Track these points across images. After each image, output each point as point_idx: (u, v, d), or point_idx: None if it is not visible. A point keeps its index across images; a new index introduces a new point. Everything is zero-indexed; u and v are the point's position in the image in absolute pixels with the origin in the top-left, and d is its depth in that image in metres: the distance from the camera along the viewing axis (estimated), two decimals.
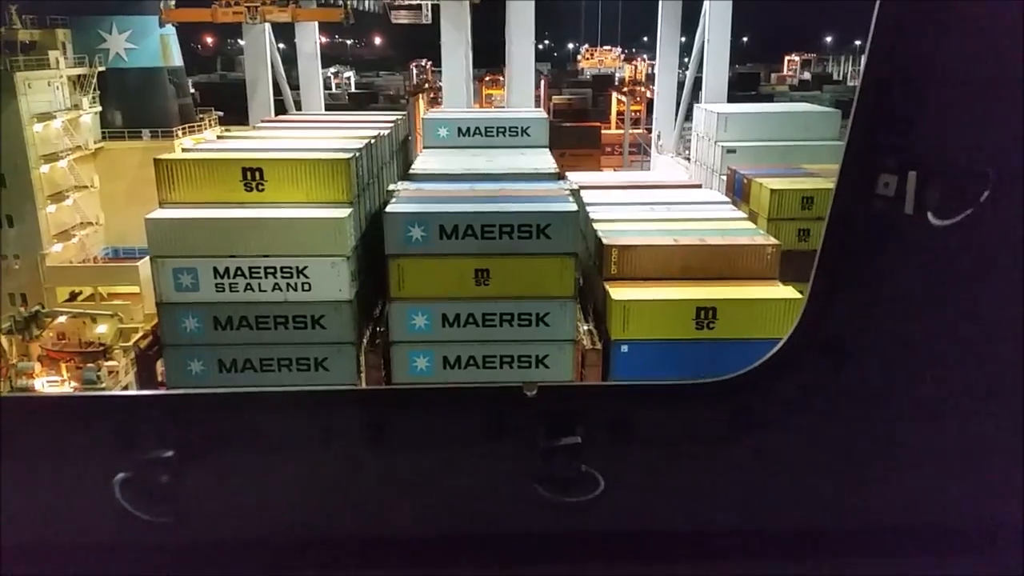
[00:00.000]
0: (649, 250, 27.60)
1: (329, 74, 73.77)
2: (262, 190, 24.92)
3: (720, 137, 46.67)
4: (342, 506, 3.97)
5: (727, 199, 36.86)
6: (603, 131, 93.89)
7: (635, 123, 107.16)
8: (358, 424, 3.86)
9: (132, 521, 3.65)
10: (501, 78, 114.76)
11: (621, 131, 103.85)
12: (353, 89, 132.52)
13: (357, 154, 26.90)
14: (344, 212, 24.51)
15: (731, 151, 45.14)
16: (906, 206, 3.46)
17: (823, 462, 3.98)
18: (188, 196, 24.78)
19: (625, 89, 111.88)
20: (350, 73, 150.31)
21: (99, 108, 57.29)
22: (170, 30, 62.46)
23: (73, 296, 52.04)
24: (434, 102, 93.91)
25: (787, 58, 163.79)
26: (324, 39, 79.18)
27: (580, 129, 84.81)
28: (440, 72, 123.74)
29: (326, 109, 72.73)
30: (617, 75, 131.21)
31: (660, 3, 72.32)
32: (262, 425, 3.82)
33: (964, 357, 3.79)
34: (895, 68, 3.47)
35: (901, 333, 3.79)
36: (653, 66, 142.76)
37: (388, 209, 24.87)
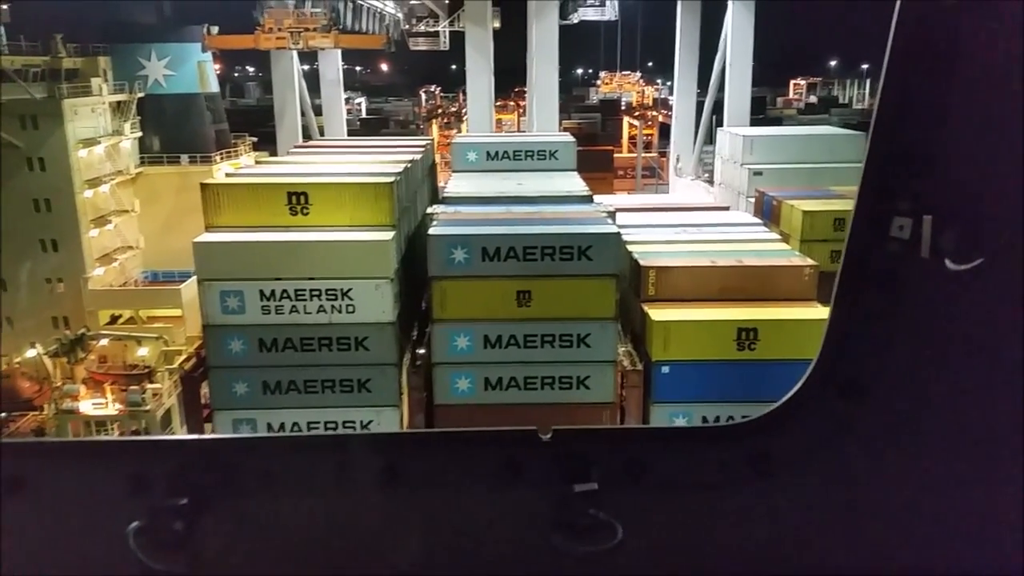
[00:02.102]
0: (686, 271, 27.00)
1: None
2: (307, 214, 24.58)
3: (746, 160, 46.08)
4: (356, 551, 3.79)
5: (759, 220, 36.17)
6: (615, 154, 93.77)
7: (647, 147, 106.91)
8: (372, 468, 3.68)
9: (145, 571, 3.49)
10: (511, 103, 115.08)
11: (632, 155, 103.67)
12: (364, 115, 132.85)
13: (398, 178, 26.57)
14: (388, 235, 24.12)
15: (758, 173, 44.54)
16: (922, 250, 3.34)
17: (843, 504, 3.81)
18: (234, 220, 24.47)
19: (637, 113, 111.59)
20: (361, 99, 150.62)
21: (139, 133, 57.47)
22: (207, 57, 62.78)
23: (113, 319, 51.93)
24: (447, 127, 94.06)
25: (792, 82, 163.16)
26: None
27: (593, 153, 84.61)
28: (448, 97, 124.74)
29: None
30: (624, 100, 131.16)
31: (678, 29, 72.25)
32: (275, 469, 3.65)
33: (982, 399, 3.62)
34: (908, 110, 3.35)
35: (918, 376, 3.64)
36: (660, 91, 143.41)
37: (431, 231, 24.43)
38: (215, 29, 66.03)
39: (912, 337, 3.62)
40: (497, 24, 66.53)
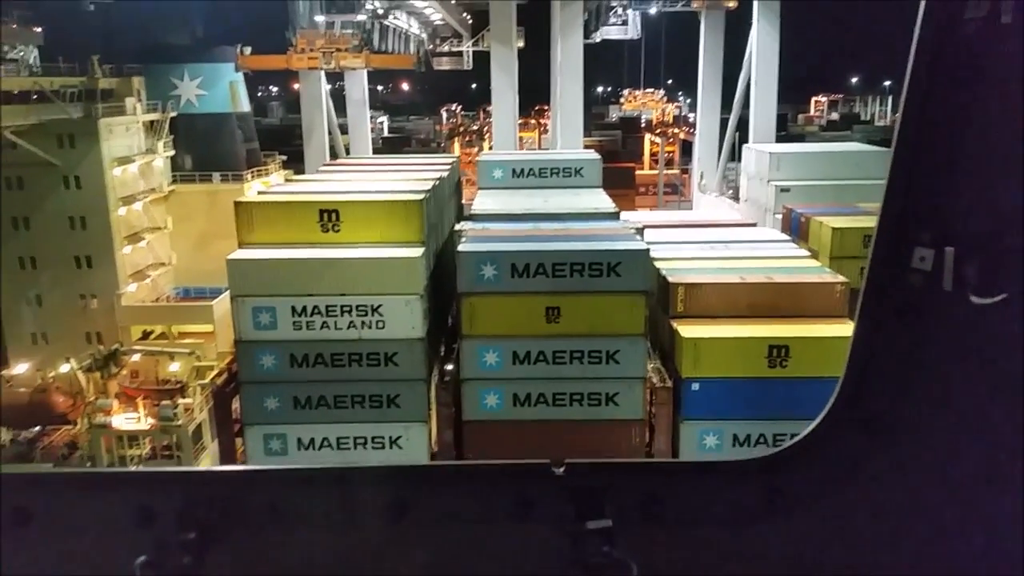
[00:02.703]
0: (716, 288, 26.71)
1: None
2: (338, 231, 24.62)
3: (773, 176, 45.67)
4: None
5: (787, 237, 35.78)
6: (636, 171, 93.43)
7: (668, 163, 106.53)
8: (382, 502, 3.58)
9: None
10: (531, 120, 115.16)
11: (654, 171, 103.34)
12: (386, 133, 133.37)
13: (427, 195, 26.56)
14: (418, 251, 24.09)
15: (785, 190, 44.13)
16: (944, 282, 3.23)
17: (860, 540, 3.67)
18: (267, 237, 24.54)
19: (658, 131, 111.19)
20: (383, 118, 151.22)
21: (172, 152, 58.06)
22: (239, 77, 63.41)
23: (145, 335, 52.28)
24: (469, 145, 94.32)
25: (814, 99, 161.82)
26: None
27: (615, 170, 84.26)
28: (469, 116, 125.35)
29: None
30: (644, 117, 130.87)
31: (701, 46, 72.13)
32: (284, 502, 3.56)
33: (1005, 437, 3.47)
34: (929, 138, 3.27)
35: (939, 413, 3.52)
36: (680, 108, 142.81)
37: (461, 248, 24.37)
38: (248, 49, 66.79)
39: (934, 372, 3.50)
40: (521, 43, 66.77)
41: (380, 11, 71.94)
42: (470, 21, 75.48)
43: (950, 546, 3.65)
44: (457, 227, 30.17)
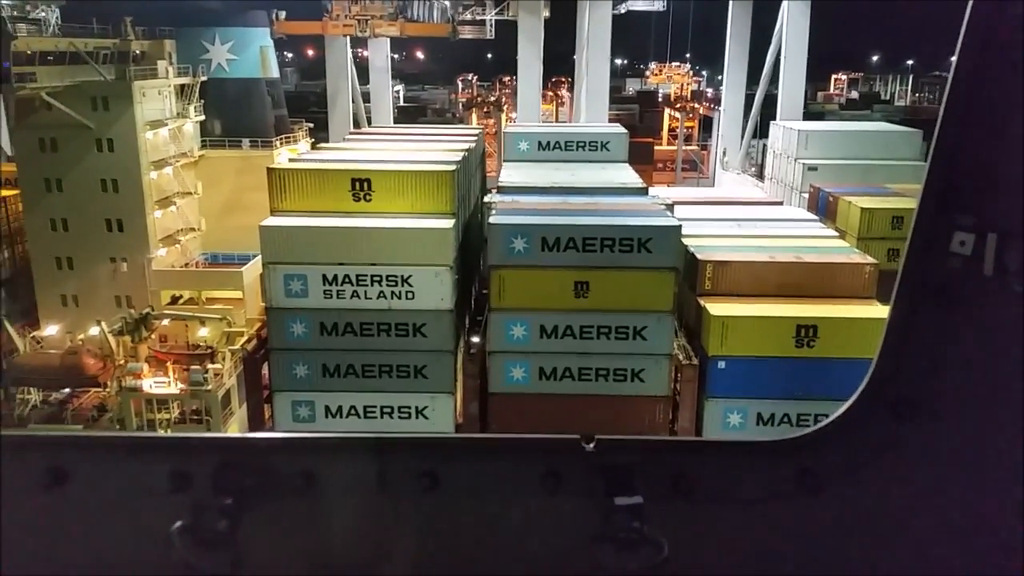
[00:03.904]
0: (745, 266, 26.24)
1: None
2: (369, 200, 24.32)
3: (800, 154, 44.88)
4: (395, 555, 3.71)
5: (814, 216, 35.11)
6: (655, 147, 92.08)
7: (687, 139, 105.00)
8: (414, 471, 3.55)
9: (189, 572, 3.41)
10: (548, 93, 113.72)
11: (672, 147, 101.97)
12: (402, 102, 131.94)
13: (458, 166, 26.18)
14: (448, 223, 23.77)
15: (812, 169, 43.34)
16: (985, 267, 3.15)
17: (891, 523, 3.66)
18: (298, 205, 24.28)
19: (678, 105, 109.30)
20: (399, 87, 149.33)
21: (202, 116, 57.58)
22: (269, 42, 62.68)
23: (174, 300, 52.22)
24: (486, 116, 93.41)
25: (834, 76, 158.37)
26: (365, 54, 79.23)
27: (633, 144, 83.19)
28: (484, 86, 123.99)
29: None
30: (661, 92, 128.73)
31: (728, 22, 70.68)
32: (317, 469, 3.54)
33: None
34: (974, 120, 3.16)
35: (973, 398, 3.45)
36: (699, 82, 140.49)
37: (492, 220, 23.99)
38: (283, 14, 65.90)
39: (969, 357, 3.42)
40: (547, 13, 65.66)
41: None
42: None
43: (983, 529, 3.61)
44: (487, 199, 29.79)
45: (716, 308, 24.52)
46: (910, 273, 3.38)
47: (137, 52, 53.54)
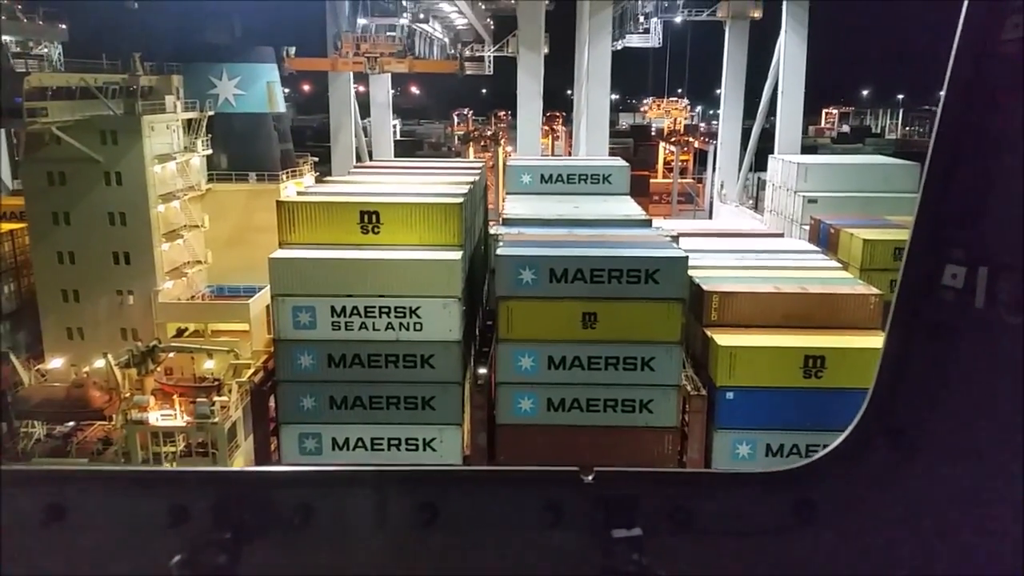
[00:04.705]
0: (750, 297, 26.07)
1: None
2: (377, 232, 24.19)
3: (800, 187, 44.97)
4: None
5: (816, 248, 35.02)
6: (650, 180, 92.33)
7: (682, 172, 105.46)
8: (413, 504, 3.56)
9: None
10: (545, 127, 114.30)
11: (667, 180, 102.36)
12: (398, 136, 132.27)
13: (465, 198, 26.11)
14: (456, 255, 23.61)
15: (813, 201, 43.40)
16: (976, 300, 3.18)
17: (889, 553, 3.64)
18: (307, 237, 24.14)
19: (673, 139, 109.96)
20: (396, 122, 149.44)
21: (210, 151, 57.61)
22: (276, 77, 62.94)
23: (179, 332, 51.83)
24: (484, 150, 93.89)
25: (825, 110, 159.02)
26: (362, 89, 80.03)
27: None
28: (479, 121, 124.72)
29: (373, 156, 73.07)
30: (655, 126, 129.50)
31: (725, 56, 71.26)
32: (316, 503, 3.54)
33: None
34: (963, 156, 3.21)
35: (968, 428, 3.47)
36: (692, 117, 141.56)
37: (499, 252, 23.87)
38: (292, 51, 66.22)
39: (962, 388, 3.45)
40: (547, 49, 66.18)
41: (421, 15, 71.59)
42: (492, 27, 75.05)
43: (976, 563, 3.61)
44: (492, 231, 29.70)
45: (723, 339, 24.31)
46: (904, 305, 3.40)
47: (145, 87, 53.64)
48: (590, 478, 3.52)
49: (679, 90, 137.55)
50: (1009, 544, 3.51)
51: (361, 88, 79.35)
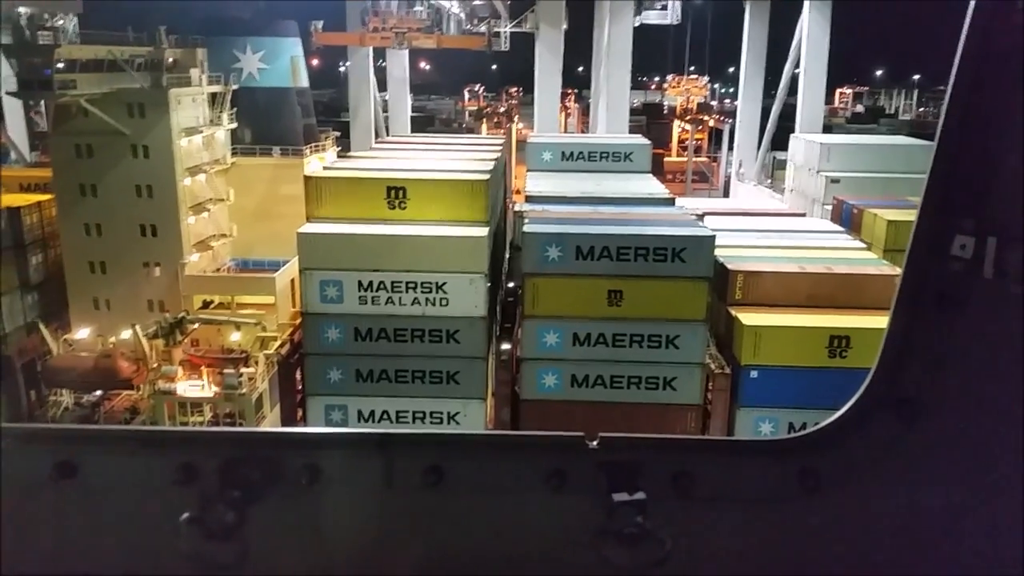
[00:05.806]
0: (775, 276, 25.70)
1: (385, 97, 73.44)
2: (404, 208, 23.97)
3: (823, 167, 44.31)
4: (399, 549, 3.71)
5: (840, 228, 34.52)
6: (664, 158, 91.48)
7: (696, 151, 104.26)
8: (420, 467, 3.54)
9: (195, 564, 3.43)
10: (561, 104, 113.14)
11: (682, 159, 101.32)
12: (410, 112, 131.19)
13: (490, 174, 25.82)
14: (483, 231, 23.37)
15: (835, 181, 42.76)
16: (985, 270, 3.13)
17: (893, 524, 3.61)
18: (334, 212, 23.95)
19: (688, 118, 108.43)
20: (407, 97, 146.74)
21: (235, 124, 57.43)
22: (299, 52, 62.50)
23: (205, 304, 51.99)
24: (496, 126, 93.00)
25: (839, 90, 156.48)
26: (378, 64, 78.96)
27: None
28: (490, 97, 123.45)
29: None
30: (667, 104, 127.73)
31: (745, 34, 70.05)
32: (322, 464, 3.53)
33: None
34: (974, 125, 3.14)
35: (975, 398, 3.42)
36: (707, 96, 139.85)
37: (526, 228, 23.60)
38: (320, 25, 65.55)
39: (969, 358, 3.41)
40: (566, 25, 65.16)
41: None
42: (509, 1, 74.01)
43: (983, 531, 3.59)
44: (516, 207, 29.43)
45: (748, 318, 23.99)
46: (911, 276, 3.36)
47: (170, 60, 53.39)
48: (594, 444, 3.52)
49: (691, 68, 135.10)
50: (1015, 511, 3.48)
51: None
